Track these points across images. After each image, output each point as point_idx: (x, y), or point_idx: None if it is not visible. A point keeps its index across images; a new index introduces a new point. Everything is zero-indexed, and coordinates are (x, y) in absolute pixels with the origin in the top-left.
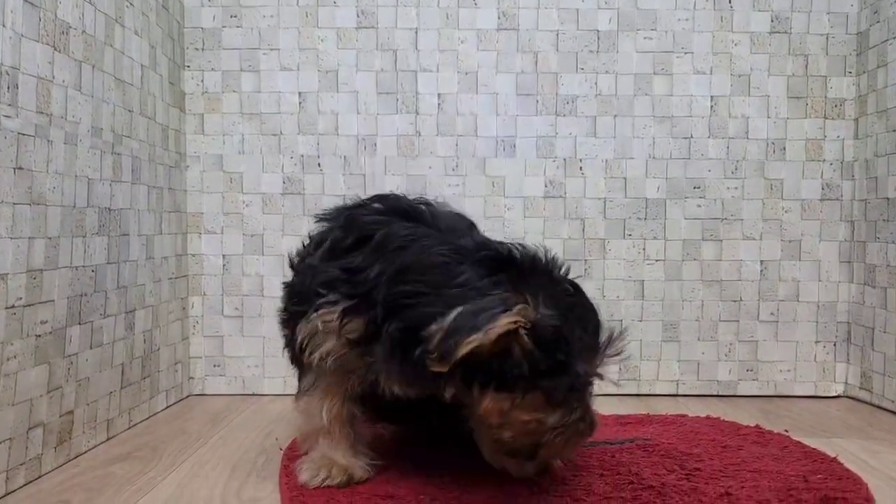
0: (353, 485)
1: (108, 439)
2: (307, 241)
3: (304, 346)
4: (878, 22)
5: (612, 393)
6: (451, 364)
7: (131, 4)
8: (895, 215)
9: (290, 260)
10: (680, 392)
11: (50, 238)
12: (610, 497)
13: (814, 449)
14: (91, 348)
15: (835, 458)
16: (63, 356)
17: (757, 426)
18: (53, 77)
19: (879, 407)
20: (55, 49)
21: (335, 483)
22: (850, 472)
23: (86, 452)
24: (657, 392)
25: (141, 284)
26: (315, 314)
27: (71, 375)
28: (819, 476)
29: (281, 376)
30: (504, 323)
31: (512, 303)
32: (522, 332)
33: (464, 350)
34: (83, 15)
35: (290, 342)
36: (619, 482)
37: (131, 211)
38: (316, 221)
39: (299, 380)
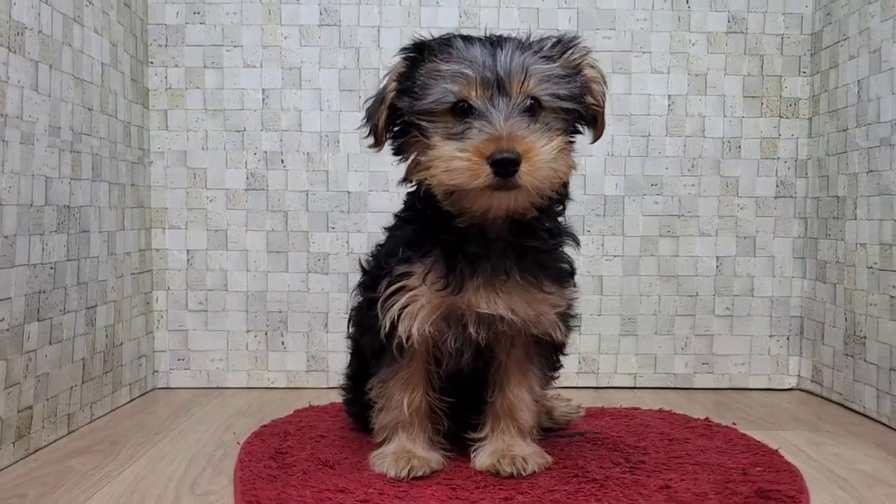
0: (430, 475)
1: (68, 433)
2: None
3: (395, 320)
4: (830, 23)
5: (570, 386)
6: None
7: (91, 3)
8: (844, 213)
9: (361, 266)
10: (637, 385)
11: (6, 237)
12: (554, 490)
13: (758, 442)
14: (50, 344)
15: (776, 450)
16: (21, 353)
17: (706, 419)
18: (8, 78)
19: (829, 399)
20: (10, 50)
21: (419, 474)
22: (788, 465)
23: (45, 447)
24: (615, 385)
25: (102, 280)
26: (395, 276)
27: (29, 371)
28: (758, 469)
29: (244, 370)
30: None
31: None
32: None
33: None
34: (39, 15)
35: (365, 329)
36: (565, 475)
37: (91, 208)
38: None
39: (376, 372)
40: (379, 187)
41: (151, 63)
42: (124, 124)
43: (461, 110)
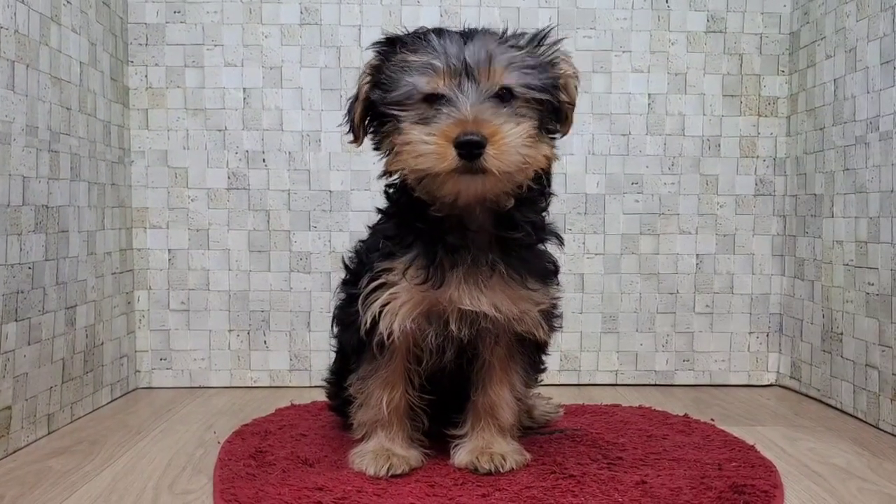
0: (409, 473)
1: (48, 433)
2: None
3: (377, 316)
4: (807, 23)
5: (552, 384)
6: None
7: (68, 2)
8: (821, 211)
9: (344, 263)
10: (619, 382)
11: None
12: (531, 486)
13: (735, 437)
14: (29, 344)
15: (752, 446)
16: None
17: (685, 416)
18: None
19: (807, 395)
20: None
21: (398, 472)
22: (764, 460)
23: (25, 447)
24: (597, 382)
25: (82, 280)
26: (376, 272)
27: (7, 371)
28: (734, 464)
29: (227, 369)
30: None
31: None
32: None
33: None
34: (15, 15)
35: (346, 326)
36: (543, 472)
37: (70, 208)
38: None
39: (356, 369)
40: (361, 186)
41: (131, 62)
42: (104, 124)
43: (433, 98)
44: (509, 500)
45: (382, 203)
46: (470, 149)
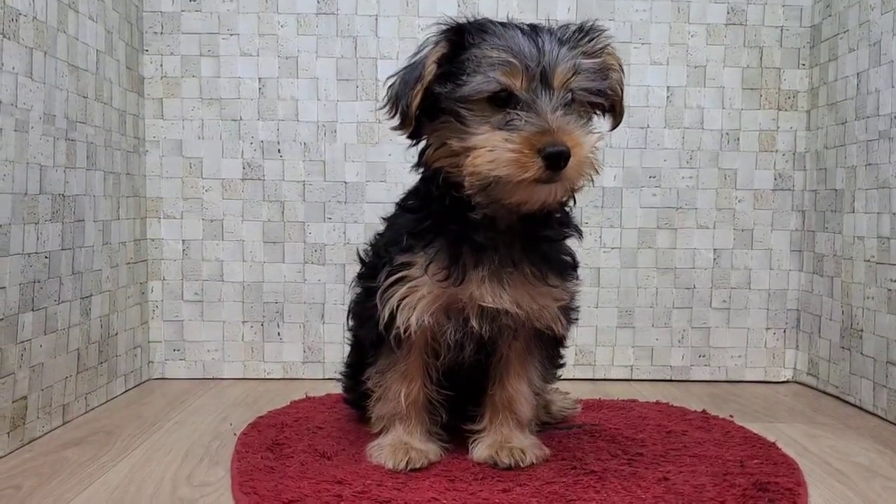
0: (428, 467)
1: (63, 424)
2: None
3: (395, 310)
4: (830, 16)
5: (567, 378)
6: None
7: None
8: (842, 206)
9: (359, 256)
10: (634, 377)
11: (0, 225)
12: (552, 482)
13: (755, 434)
14: (45, 334)
15: (773, 443)
16: (15, 342)
17: (703, 411)
18: (2, 64)
19: (825, 392)
20: (4, 36)
21: (417, 466)
22: (786, 457)
23: (40, 437)
24: (612, 377)
25: (97, 270)
26: (395, 265)
27: (24, 361)
28: (756, 461)
29: (240, 360)
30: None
31: None
32: None
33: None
34: (34, 1)
35: (363, 319)
36: (563, 467)
37: (86, 197)
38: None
39: (374, 363)
40: (376, 178)
41: (147, 51)
42: (119, 112)
43: (501, 100)
44: (531, 495)
45: (398, 196)
46: (557, 160)
